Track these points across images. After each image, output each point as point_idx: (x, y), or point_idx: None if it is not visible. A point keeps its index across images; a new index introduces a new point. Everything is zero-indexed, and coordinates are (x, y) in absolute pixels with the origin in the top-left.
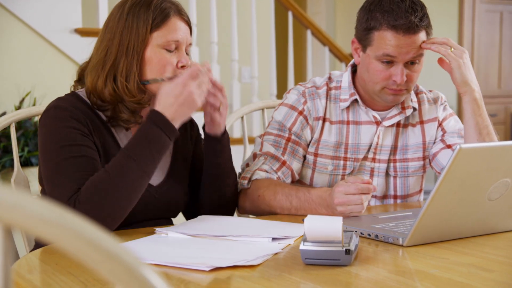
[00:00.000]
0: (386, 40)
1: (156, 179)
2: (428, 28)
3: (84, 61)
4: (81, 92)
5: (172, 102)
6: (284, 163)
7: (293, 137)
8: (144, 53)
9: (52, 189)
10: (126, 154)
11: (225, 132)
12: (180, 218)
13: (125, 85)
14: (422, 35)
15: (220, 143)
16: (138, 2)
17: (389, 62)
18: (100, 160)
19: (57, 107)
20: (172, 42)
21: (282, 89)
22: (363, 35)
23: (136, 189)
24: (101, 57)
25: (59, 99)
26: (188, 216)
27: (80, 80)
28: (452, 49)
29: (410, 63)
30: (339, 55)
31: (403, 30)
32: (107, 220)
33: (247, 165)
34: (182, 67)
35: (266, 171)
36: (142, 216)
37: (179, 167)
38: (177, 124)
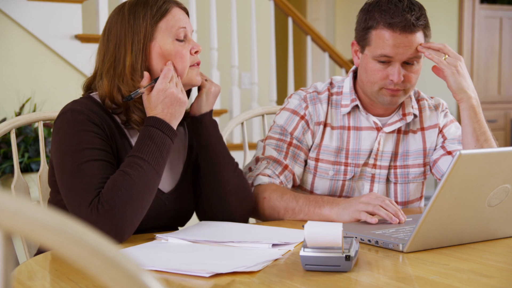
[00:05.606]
0: (384, 39)
1: (167, 186)
2: (425, 29)
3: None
4: (96, 95)
5: (162, 108)
6: (286, 167)
7: (294, 141)
8: (150, 48)
9: (71, 193)
10: (138, 156)
11: (206, 114)
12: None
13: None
14: (419, 36)
15: (200, 123)
16: (136, 2)
17: (387, 62)
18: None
19: (74, 110)
20: (181, 29)
21: (282, 95)
22: (362, 35)
23: (153, 191)
24: (111, 61)
25: (74, 102)
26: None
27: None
28: (447, 56)
29: (408, 64)
30: (339, 61)
31: (399, 28)
32: (132, 221)
33: (250, 169)
34: (196, 52)
35: (269, 176)
36: (152, 224)
37: (190, 175)
38: (174, 126)
